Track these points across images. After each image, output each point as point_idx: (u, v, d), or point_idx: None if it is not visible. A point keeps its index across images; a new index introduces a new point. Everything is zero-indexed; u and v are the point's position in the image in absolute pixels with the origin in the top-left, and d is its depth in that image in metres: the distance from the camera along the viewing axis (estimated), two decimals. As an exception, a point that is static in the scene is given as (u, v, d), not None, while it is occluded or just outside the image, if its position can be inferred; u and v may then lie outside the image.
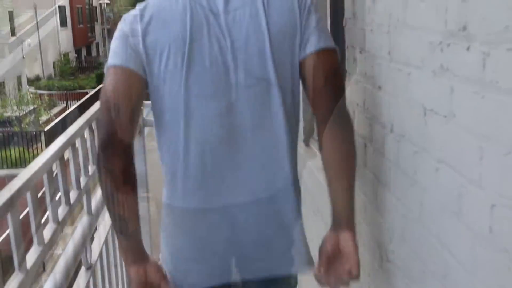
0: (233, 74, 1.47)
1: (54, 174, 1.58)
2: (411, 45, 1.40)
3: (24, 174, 1.38)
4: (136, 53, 1.46)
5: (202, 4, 1.46)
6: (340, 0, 2.67)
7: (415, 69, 1.39)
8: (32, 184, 1.37)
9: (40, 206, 1.43)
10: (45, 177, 1.51)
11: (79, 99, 22.91)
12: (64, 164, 1.70)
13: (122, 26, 1.50)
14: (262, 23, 1.46)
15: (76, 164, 1.91)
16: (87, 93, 25.19)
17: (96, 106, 2.29)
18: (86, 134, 2.08)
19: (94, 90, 23.87)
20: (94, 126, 2.20)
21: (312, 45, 1.52)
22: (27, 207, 1.36)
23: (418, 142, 1.39)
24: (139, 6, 1.50)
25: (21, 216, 1.26)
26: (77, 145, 1.93)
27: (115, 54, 1.48)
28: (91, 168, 2.10)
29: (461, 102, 1.15)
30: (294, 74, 1.54)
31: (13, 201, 1.23)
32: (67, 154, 1.79)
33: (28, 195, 1.37)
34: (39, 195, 1.41)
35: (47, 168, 1.50)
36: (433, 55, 1.26)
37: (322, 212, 2.72)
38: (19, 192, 1.28)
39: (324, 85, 1.54)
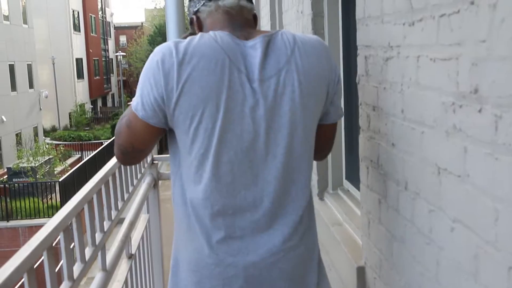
0: (263, 144, 1.47)
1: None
2: (424, 104, 1.42)
3: (40, 234, 1.39)
4: (162, 112, 1.45)
5: (240, 68, 1.45)
6: (353, 57, 2.72)
7: (428, 128, 1.40)
8: (50, 243, 1.38)
9: (55, 262, 1.43)
10: (61, 235, 1.52)
11: (94, 150, 23.12)
12: (80, 221, 1.72)
13: (155, 70, 1.44)
14: (296, 93, 1.47)
15: (92, 220, 1.93)
16: (102, 143, 25.44)
17: (111, 162, 2.32)
18: (103, 190, 2.10)
19: (109, 141, 24.10)
20: (110, 181, 2.22)
21: (331, 117, 1.62)
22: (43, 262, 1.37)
23: (433, 201, 1.40)
24: (177, 50, 1.43)
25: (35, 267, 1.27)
26: (93, 201, 1.94)
27: (141, 106, 1.47)
28: (106, 224, 2.11)
29: (475, 162, 1.16)
30: (313, 138, 1.58)
31: (31, 261, 1.24)
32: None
33: (45, 254, 1.38)
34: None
35: (63, 226, 1.52)
36: (445, 116, 1.28)
37: (336, 267, 2.70)
38: (36, 252, 1.29)
39: (326, 145, 1.72)
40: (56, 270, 1.48)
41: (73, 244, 1.72)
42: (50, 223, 1.50)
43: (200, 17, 1.64)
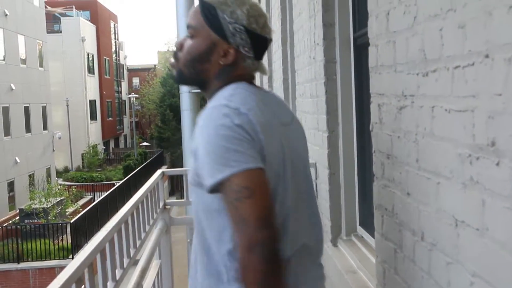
0: (304, 183, 1.60)
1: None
2: (440, 155, 1.41)
3: (53, 286, 1.38)
4: (261, 156, 1.42)
5: (281, 120, 1.56)
6: (366, 104, 2.73)
7: (444, 179, 1.39)
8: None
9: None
10: (73, 287, 1.51)
11: (106, 191, 23.14)
12: (93, 272, 1.70)
13: (236, 128, 1.40)
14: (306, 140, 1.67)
15: (104, 270, 1.91)
16: (113, 184, 25.48)
17: (125, 209, 2.32)
18: (115, 237, 2.09)
19: (121, 182, 24.14)
20: (123, 229, 2.21)
21: None
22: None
23: (451, 254, 1.37)
24: (235, 108, 1.43)
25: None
26: (106, 250, 1.93)
27: (245, 157, 1.40)
28: (118, 273, 2.09)
29: (494, 216, 1.14)
30: None
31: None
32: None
33: (57, 307, 1.36)
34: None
35: (75, 278, 1.50)
36: (462, 167, 1.27)
37: (351, 316, 2.64)
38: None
39: None
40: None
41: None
42: (63, 275, 1.49)
43: (237, 55, 1.55)
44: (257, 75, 7.13)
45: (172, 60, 1.66)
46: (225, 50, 1.54)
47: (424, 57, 1.49)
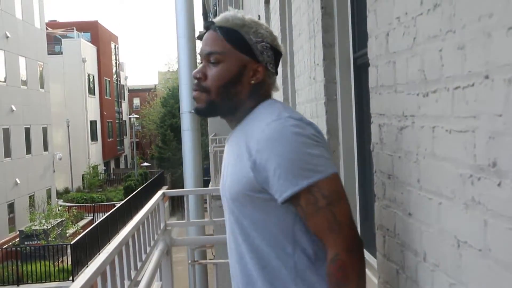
0: None
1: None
2: (441, 175, 1.41)
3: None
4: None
5: None
6: (366, 124, 2.73)
7: (446, 199, 1.38)
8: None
9: None
10: (74, 310, 1.49)
11: (107, 211, 23.09)
12: (93, 294, 1.69)
13: (313, 136, 1.51)
14: None
15: (105, 292, 1.90)
16: (114, 205, 25.42)
17: (124, 232, 2.31)
18: (116, 260, 2.07)
19: (121, 203, 24.09)
20: (124, 251, 2.20)
21: None
22: None
23: (454, 275, 1.36)
24: (299, 119, 1.53)
25: None
26: (106, 273, 1.92)
27: (329, 162, 1.52)
28: (119, 295, 2.08)
29: (496, 237, 1.13)
30: None
31: None
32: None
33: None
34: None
35: (76, 301, 1.49)
36: (464, 188, 1.27)
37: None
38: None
39: None
40: None
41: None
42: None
43: (264, 72, 1.64)
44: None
45: (197, 93, 1.62)
46: (254, 69, 1.60)
47: (424, 78, 1.50)
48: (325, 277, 1.51)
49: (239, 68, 1.58)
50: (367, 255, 2.97)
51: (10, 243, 20.45)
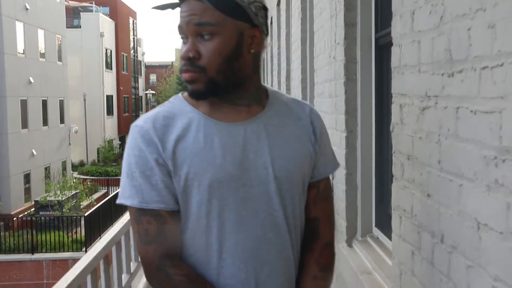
0: None
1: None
2: (463, 157, 1.39)
3: (69, 275, 1.38)
4: None
5: None
6: (385, 104, 2.70)
7: (467, 181, 1.37)
8: (77, 286, 1.37)
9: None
10: (89, 278, 1.51)
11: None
12: (108, 263, 1.71)
13: None
14: None
15: (119, 262, 1.91)
16: (128, 179, 25.58)
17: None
18: (131, 231, 2.09)
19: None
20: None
21: None
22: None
23: (472, 257, 1.35)
24: None
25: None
26: (121, 242, 1.94)
27: None
28: (133, 265, 2.09)
29: (519, 219, 1.12)
30: None
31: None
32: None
33: (73, 297, 1.36)
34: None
35: (91, 268, 1.50)
36: (487, 170, 1.25)
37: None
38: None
39: None
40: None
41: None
42: (79, 265, 1.49)
43: (261, 36, 1.44)
44: (276, 74, 7.08)
45: (191, 74, 1.38)
46: (252, 35, 1.41)
47: (450, 57, 1.47)
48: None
49: (237, 38, 1.38)
50: (381, 236, 2.97)
51: (26, 213, 20.74)
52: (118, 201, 1.40)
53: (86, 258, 1.54)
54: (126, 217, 2.08)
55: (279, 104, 1.51)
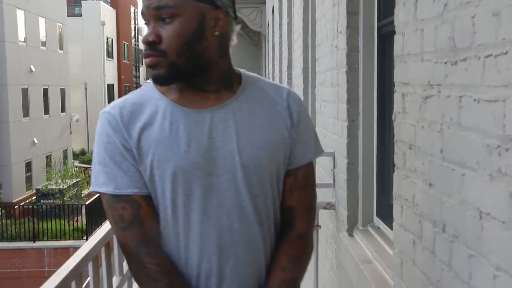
0: None
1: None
2: (466, 146, 1.38)
3: (70, 262, 1.38)
4: None
5: None
6: (387, 94, 2.69)
7: (470, 170, 1.36)
8: (79, 273, 1.37)
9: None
10: (90, 265, 1.51)
11: (121, 174, 23.32)
12: (109, 251, 1.71)
13: None
14: None
15: (120, 250, 1.91)
16: (129, 168, 25.64)
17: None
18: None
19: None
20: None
21: None
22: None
23: (474, 246, 1.34)
24: None
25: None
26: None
27: None
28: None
29: (521, 209, 1.11)
30: None
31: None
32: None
33: (73, 284, 1.36)
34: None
35: (93, 256, 1.50)
36: (490, 158, 1.24)
37: (365, 307, 2.63)
38: (66, 281, 1.28)
39: None
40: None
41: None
42: (80, 252, 1.49)
43: (226, 19, 1.40)
44: (277, 63, 7.04)
45: (152, 59, 1.35)
46: (215, 18, 1.37)
47: (454, 46, 1.46)
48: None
49: (199, 20, 1.34)
50: (382, 225, 2.97)
51: (27, 201, 20.80)
52: (91, 189, 1.39)
53: (87, 245, 1.54)
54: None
55: (253, 89, 1.46)
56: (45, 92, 25.45)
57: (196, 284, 1.38)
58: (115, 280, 1.83)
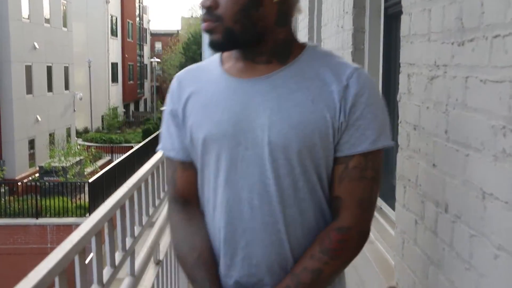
0: None
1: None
2: (471, 127, 1.38)
3: (73, 236, 1.39)
4: None
5: None
6: (393, 74, 2.68)
7: (474, 151, 1.36)
8: (82, 247, 1.37)
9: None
10: (93, 239, 1.52)
11: (124, 153, 23.33)
12: (112, 226, 1.71)
13: None
14: None
15: (123, 225, 1.92)
16: (132, 147, 25.68)
17: (144, 168, 2.32)
18: (135, 195, 2.09)
19: (140, 145, 24.33)
20: (143, 187, 2.22)
21: None
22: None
23: (476, 226, 1.35)
24: None
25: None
26: (125, 206, 1.94)
27: None
28: (137, 230, 2.11)
29: (525, 189, 1.11)
30: None
31: (63, 264, 1.24)
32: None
33: (77, 258, 1.37)
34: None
35: (96, 231, 1.51)
36: (495, 139, 1.24)
37: (366, 286, 2.65)
38: (68, 255, 1.29)
39: None
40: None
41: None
42: (83, 227, 1.50)
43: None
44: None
45: (209, 24, 1.31)
46: None
47: (461, 26, 1.45)
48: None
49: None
50: (384, 206, 2.98)
51: (30, 178, 20.88)
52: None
53: (90, 220, 1.54)
54: (130, 181, 2.08)
55: (309, 65, 1.34)
56: (49, 69, 25.37)
57: (219, 247, 1.39)
58: (118, 256, 1.84)
